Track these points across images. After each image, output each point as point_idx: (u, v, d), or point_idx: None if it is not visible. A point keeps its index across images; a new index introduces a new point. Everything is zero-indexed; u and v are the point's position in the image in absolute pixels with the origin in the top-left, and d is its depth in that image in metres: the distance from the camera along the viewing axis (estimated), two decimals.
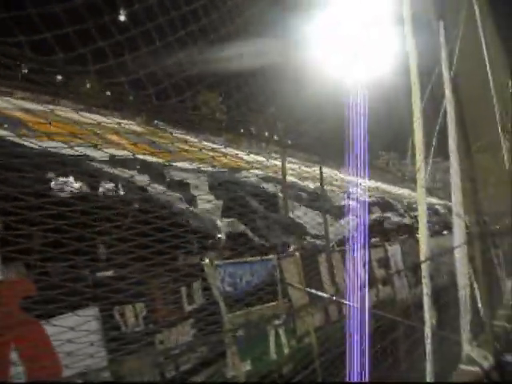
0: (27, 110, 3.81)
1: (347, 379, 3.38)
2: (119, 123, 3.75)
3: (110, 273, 3.15)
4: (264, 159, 5.64)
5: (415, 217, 8.68)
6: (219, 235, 3.98)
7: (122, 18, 2.98)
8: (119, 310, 3.09)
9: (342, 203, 6.34)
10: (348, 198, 6.31)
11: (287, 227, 4.86)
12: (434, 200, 11.60)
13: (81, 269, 2.94)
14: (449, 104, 5.81)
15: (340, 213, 5.91)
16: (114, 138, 4.20)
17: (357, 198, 5.78)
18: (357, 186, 5.79)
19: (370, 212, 7.44)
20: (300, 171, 6.47)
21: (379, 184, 12.19)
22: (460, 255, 4.99)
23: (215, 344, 3.51)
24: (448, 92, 5.82)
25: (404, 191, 12.40)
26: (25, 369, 2.52)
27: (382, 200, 9.40)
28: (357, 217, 5.24)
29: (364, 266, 5.48)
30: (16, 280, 2.66)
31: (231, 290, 3.81)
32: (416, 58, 5.54)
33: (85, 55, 2.76)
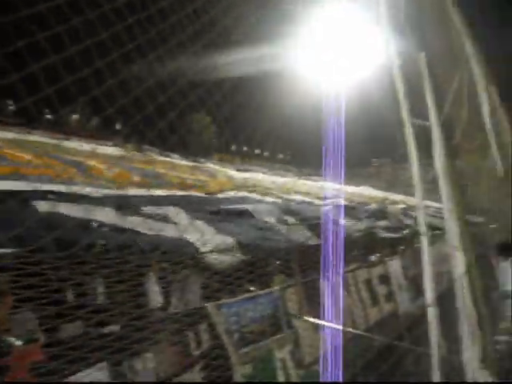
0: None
1: None
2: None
3: (116, 326, 3.18)
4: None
5: (411, 224, 8.72)
6: None
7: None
8: (128, 363, 3.13)
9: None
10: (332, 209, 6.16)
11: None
12: (433, 204, 11.57)
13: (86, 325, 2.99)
14: (431, 106, 5.90)
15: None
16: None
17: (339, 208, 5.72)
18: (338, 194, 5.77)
19: (360, 221, 7.35)
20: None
21: (370, 191, 12.22)
22: (456, 262, 5.02)
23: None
24: (429, 94, 5.92)
25: (399, 197, 12.46)
26: None
27: (374, 207, 9.33)
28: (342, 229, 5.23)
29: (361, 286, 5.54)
30: (25, 348, 2.69)
31: (237, 328, 3.84)
32: (399, 66, 5.63)
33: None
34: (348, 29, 5.30)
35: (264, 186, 5.30)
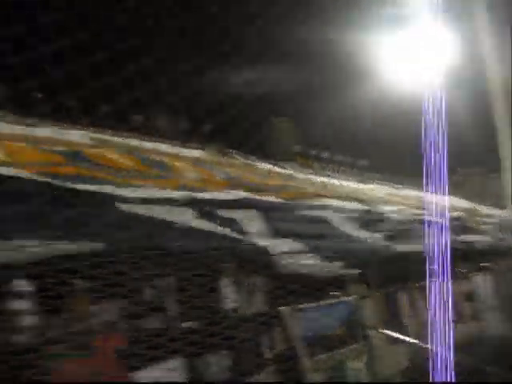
0: None
1: None
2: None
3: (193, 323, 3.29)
4: None
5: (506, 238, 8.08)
6: None
7: None
8: (204, 359, 3.22)
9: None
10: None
11: None
12: None
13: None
14: None
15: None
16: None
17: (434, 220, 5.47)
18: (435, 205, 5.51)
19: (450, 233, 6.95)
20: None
21: (457, 201, 11.45)
22: None
23: None
24: None
25: (491, 210, 11.60)
26: None
27: (462, 220, 8.76)
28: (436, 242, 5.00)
29: (447, 301, 5.22)
30: (110, 333, 2.88)
31: (311, 335, 3.81)
32: (496, 66, 5.24)
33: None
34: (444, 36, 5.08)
35: (347, 193, 5.20)
